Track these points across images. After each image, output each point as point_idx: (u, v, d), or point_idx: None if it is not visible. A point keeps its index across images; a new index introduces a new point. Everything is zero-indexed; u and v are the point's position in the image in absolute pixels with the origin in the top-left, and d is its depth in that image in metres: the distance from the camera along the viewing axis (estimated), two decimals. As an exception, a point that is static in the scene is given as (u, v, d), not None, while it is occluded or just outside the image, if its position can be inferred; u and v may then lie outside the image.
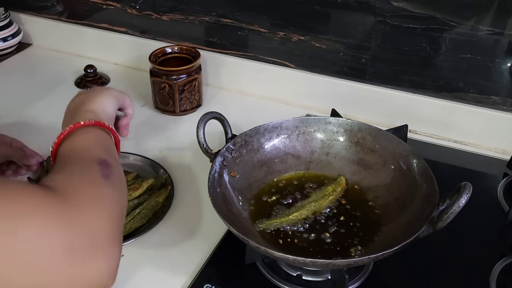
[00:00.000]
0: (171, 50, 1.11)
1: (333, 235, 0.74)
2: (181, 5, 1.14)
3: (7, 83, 1.22)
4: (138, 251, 0.77)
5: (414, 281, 0.73)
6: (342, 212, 0.78)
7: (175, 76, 1.04)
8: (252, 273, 0.73)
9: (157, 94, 1.08)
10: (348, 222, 0.76)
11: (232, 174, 0.80)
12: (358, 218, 0.77)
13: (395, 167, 0.80)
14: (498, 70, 0.94)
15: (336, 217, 0.77)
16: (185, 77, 1.04)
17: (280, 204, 0.79)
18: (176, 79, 1.04)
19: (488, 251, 0.77)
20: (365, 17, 0.98)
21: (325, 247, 0.72)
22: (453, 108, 0.99)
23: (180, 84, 1.04)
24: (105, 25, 1.26)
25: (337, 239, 0.73)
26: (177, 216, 0.83)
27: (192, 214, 0.84)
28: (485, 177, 0.95)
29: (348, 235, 0.74)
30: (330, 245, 0.72)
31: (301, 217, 0.76)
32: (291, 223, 0.75)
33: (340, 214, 0.77)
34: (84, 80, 1.19)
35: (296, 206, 0.78)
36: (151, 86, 1.08)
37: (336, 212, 0.78)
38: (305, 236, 0.74)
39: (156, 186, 0.87)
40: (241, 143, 0.83)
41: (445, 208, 0.65)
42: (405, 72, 1.01)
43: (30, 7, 1.33)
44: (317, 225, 0.75)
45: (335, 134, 0.86)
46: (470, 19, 0.91)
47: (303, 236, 0.74)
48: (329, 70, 1.07)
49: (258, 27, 1.09)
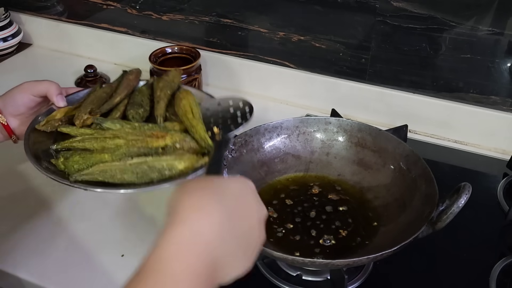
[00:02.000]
0: (171, 50, 1.11)
1: (332, 235, 0.74)
2: (181, 5, 1.14)
3: (7, 83, 1.21)
4: (138, 251, 0.77)
5: (414, 281, 0.73)
6: (342, 212, 0.78)
7: None
8: (252, 273, 0.73)
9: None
10: (348, 222, 0.76)
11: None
12: (358, 218, 0.77)
13: (395, 167, 0.80)
14: (498, 70, 0.94)
15: (336, 217, 0.77)
16: (185, 77, 1.04)
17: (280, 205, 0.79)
18: None
19: (488, 251, 0.78)
20: (365, 17, 0.98)
21: (325, 247, 0.72)
22: (453, 108, 0.99)
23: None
24: (105, 25, 1.26)
25: (336, 239, 0.73)
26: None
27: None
28: (485, 177, 0.95)
29: (348, 235, 0.74)
30: (330, 245, 0.72)
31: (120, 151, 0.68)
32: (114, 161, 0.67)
33: (340, 214, 0.77)
34: (84, 80, 1.19)
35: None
36: None
37: (336, 212, 0.78)
38: (305, 236, 0.74)
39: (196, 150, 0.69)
40: (241, 143, 0.83)
41: (444, 208, 0.65)
42: (405, 72, 1.01)
43: (30, 7, 1.33)
44: (316, 225, 0.75)
45: (335, 134, 0.86)
46: (470, 19, 0.91)
47: (303, 235, 0.74)
48: (329, 70, 1.07)
49: (258, 27, 1.09)
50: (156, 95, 0.80)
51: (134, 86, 0.83)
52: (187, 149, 0.68)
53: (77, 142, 0.71)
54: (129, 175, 0.65)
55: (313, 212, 0.78)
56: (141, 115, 0.77)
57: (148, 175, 0.65)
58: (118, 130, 0.71)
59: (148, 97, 0.81)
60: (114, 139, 0.70)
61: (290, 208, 0.78)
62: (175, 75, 0.84)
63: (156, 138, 0.68)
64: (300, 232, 0.74)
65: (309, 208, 0.78)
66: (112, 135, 0.70)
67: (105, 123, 0.73)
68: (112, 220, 0.83)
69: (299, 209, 0.78)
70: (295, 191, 0.82)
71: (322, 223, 0.76)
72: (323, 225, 0.75)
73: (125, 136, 0.70)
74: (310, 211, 0.78)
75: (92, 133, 0.72)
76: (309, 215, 0.77)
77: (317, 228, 0.75)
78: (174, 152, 0.68)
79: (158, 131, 0.70)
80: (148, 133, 0.70)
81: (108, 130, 0.72)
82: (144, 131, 0.71)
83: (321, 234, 0.74)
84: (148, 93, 0.82)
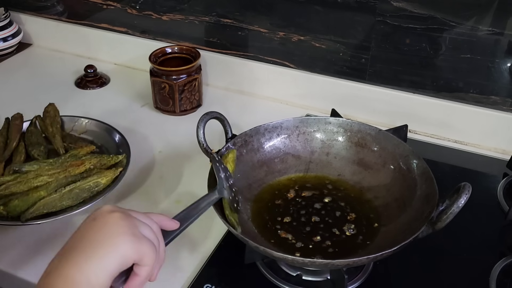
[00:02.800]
0: (171, 50, 1.11)
1: (332, 235, 0.74)
2: (181, 5, 1.14)
3: (7, 83, 1.22)
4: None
5: (414, 281, 0.73)
6: (342, 212, 0.78)
7: (175, 76, 1.04)
8: (252, 273, 0.73)
9: (157, 94, 1.07)
10: (347, 222, 0.76)
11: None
12: (358, 218, 0.77)
13: (395, 167, 0.80)
14: (498, 70, 0.94)
15: (336, 217, 0.77)
16: (185, 77, 1.04)
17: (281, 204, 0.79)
18: (176, 79, 1.04)
19: (488, 251, 0.78)
20: (365, 17, 0.98)
21: (325, 247, 0.72)
22: (453, 108, 0.99)
23: (180, 84, 1.04)
24: (105, 25, 1.26)
25: (336, 239, 0.73)
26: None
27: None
28: (485, 177, 0.95)
29: (348, 235, 0.74)
30: (330, 245, 0.72)
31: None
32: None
33: (339, 214, 0.77)
34: (84, 80, 1.19)
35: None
36: (151, 86, 1.07)
37: (336, 212, 0.78)
38: (305, 236, 0.74)
39: (111, 165, 0.86)
40: (241, 143, 0.83)
41: (444, 208, 0.65)
42: (405, 72, 1.01)
43: (30, 7, 1.33)
44: (316, 225, 0.75)
45: (335, 134, 0.86)
46: (470, 19, 0.91)
47: (303, 235, 0.74)
48: (329, 70, 1.07)
49: (258, 27, 1.09)
50: (48, 131, 0.94)
51: (22, 128, 0.94)
52: (103, 166, 0.85)
53: (3, 190, 0.79)
54: (67, 201, 0.79)
55: (313, 212, 0.78)
56: (44, 152, 0.90)
57: (81, 196, 0.80)
58: (39, 170, 0.83)
59: (40, 134, 0.94)
60: (38, 178, 0.81)
61: (290, 208, 0.78)
62: (55, 109, 0.98)
63: (77, 166, 0.83)
64: (300, 232, 0.74)
65: (309, 208, 0.78)
66: (35, 175, 0.81)
67: (24, 167, 0.84)
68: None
69: (299, 209, 0.78)
70: (295, 191, 0.82)
71: (322, 223, 0.76)
72: (323, 225, 0.75)
73: (46, 173, 0.82)
74: (310, 211, 0.78)
75: (13, 178, 0.82)
76: (309, 215, 0.77)
77: (317, 228, 0.75)
78: (94, 172, 0.83)
79: (74, 160, 0.84)
80: (67, 164, 0.84)
81: (28, 173, 0.82)
82: (62, 164, 0.84)
83: (321, 234, 0.74)
84: (38, 131, 0.95)
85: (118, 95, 1.16)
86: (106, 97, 1.16)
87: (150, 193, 0.88)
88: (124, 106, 1.12)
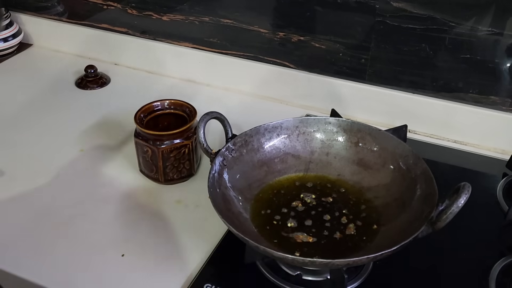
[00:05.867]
0: (161, 106, 0.90)
1: (332, 235, 0.74)
2: (181, 5, 1.15)
3: (8, 83, 1.22)
4: (138, 251, 0.77)
5: (414, 281, 0.73)
6: (342, 212, 0.78)
7: (158, 141, 0.84)
8: (252, 272, 0.73)
9: (140, 157, 0.89)
10: (347, 222, 0.76)
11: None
12: (357, 218, 0.77)
13: (395, 167, 0.80)
14: (498, 70, 0.94)
15: (335, 217, 0.77)
16: (172, 142, 0.84)
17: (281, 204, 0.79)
18: (160, 144, 0.84)
19: (488, 251, 0.78)
20: (364, 18, 0.98)
21: (325, 247, 0.72)
22: (453, 108, 0.99)
23: (165, 151, 0.84)
24: (106, 25, 1.26)
25: (336, 239, 0.73)
26: (177, 216, 0.83)
27: (192, 214, 0.84)
28: (484, 177, 0.95)
29: (348, 235, 0.74)
30: (330, 245, 0.73)
31: None
32: None
33: (339, 214, 0.77)
34: (85, 80, 1.19)
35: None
36: (135, 146, 0.88)
37: (335, 212, 0.78)
38: (305, 236, 0.74)
39: None
40: (241, 143, 0.83)
41: (444, 208, 0.65)
42: (404, 72, 1.01)
43: (30, 7, 1.34)
44: (316, 225, 0.76)
45: (335, 134, 0.87)
46: (470, 19, 0.91)
47: (303, 235, 0.74)
48: (329, 70, 1.07)
49: (258, 27, 1.09)
50: None
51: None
52: None
53: None
54: None
55: (313, 212, 0.78)
56: None
57: None
58: None
59: None
60: None
61: (290, 208, 0.79)
62: None
63: None
64: (300, 231, 0.75)
65: (309, 208, 0.78)
66: None
67: None
68: (112, 220, 0.83)
69: (299, 208, 0.78)
70: (295, 191, 0.82)
71: (322, 223, 0.76)
72: (323, 224, 0.76)
73: None
74: (310, 211, 0.78)
75: None
76: (309, 215, 0.77)
77: (317, 227, 0.75)
78: None
79: None
80: None
81: None
82: None
83: (321, 234, 0.74)
84: None
85: (118, 95, 1.16)
86: (106, 97, 1.16)
87: (151, 193, 0.88)
88: (124, 106, 1.12)
